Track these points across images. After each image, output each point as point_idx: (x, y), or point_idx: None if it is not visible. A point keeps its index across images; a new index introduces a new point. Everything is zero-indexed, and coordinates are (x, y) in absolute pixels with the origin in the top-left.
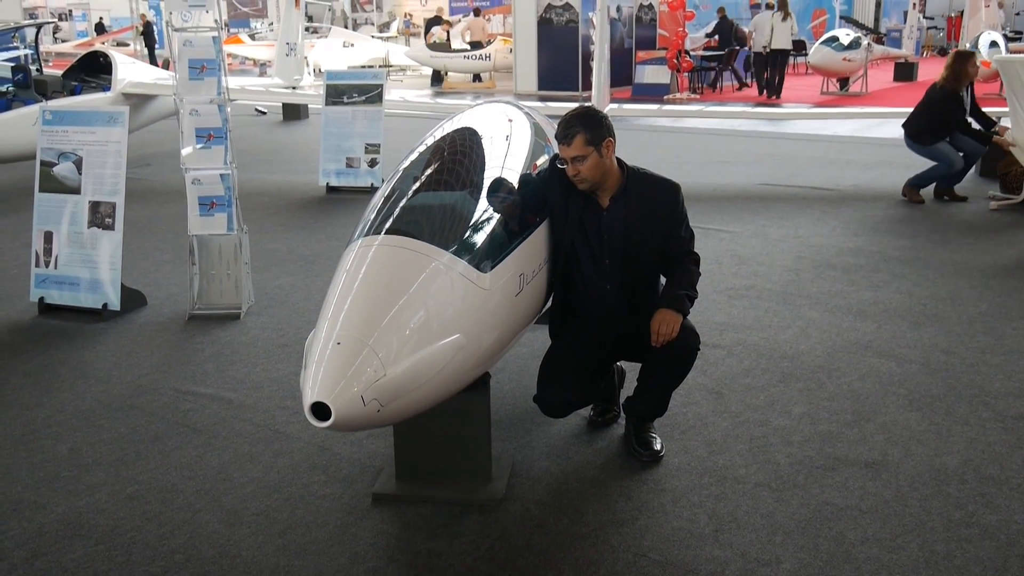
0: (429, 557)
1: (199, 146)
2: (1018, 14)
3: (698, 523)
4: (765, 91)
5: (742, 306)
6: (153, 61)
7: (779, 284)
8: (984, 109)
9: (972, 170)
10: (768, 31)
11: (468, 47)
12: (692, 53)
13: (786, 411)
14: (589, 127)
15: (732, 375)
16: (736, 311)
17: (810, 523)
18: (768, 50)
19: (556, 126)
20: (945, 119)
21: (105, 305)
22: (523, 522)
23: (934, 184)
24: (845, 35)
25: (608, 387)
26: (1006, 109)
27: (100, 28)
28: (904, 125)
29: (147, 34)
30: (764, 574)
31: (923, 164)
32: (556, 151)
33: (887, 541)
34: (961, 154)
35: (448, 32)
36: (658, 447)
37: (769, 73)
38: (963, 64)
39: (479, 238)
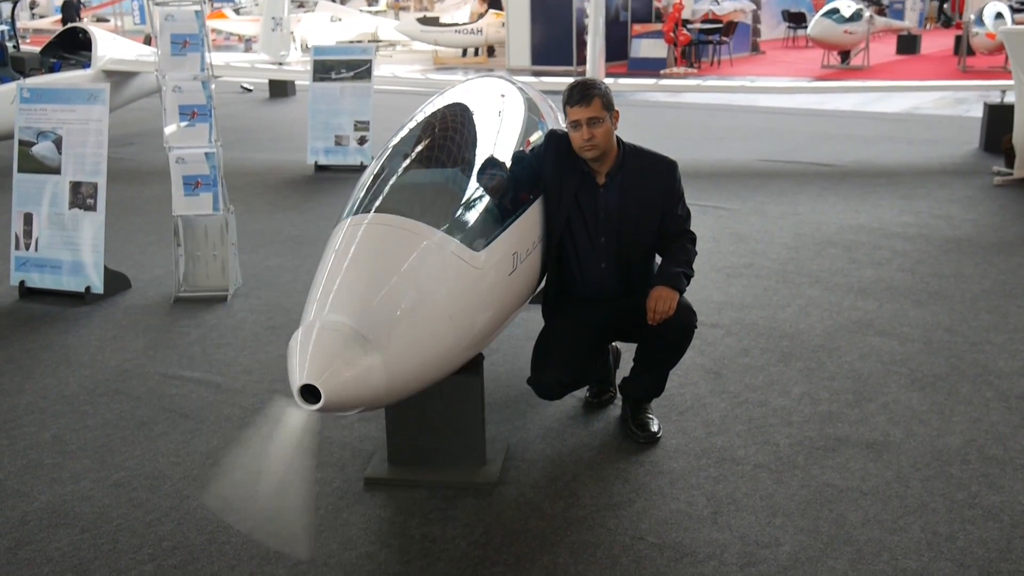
0: (423, 542)
1: (183, 124)
2: None
3: (696, 505)
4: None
5: (741, 285)
6: None
7: (778, 262)
8: (989, 83)
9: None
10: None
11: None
12: (690, 26)
13: (786, 391)
14: (605, 93)
15: (731, 355)
16: (734, 290)
17: (810, 505)
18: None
19: (566, 92)
20: None
21: (88, 288)
22: (518, 506)
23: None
24: (846, 7)
25: (604, 368)
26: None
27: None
28: None
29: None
30: (763, 557)
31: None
32: (550, 127)
33: (889, 523)
34: None
35: (488, 4)
36: (655, 428)
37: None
38: None
39: (472, 216)
